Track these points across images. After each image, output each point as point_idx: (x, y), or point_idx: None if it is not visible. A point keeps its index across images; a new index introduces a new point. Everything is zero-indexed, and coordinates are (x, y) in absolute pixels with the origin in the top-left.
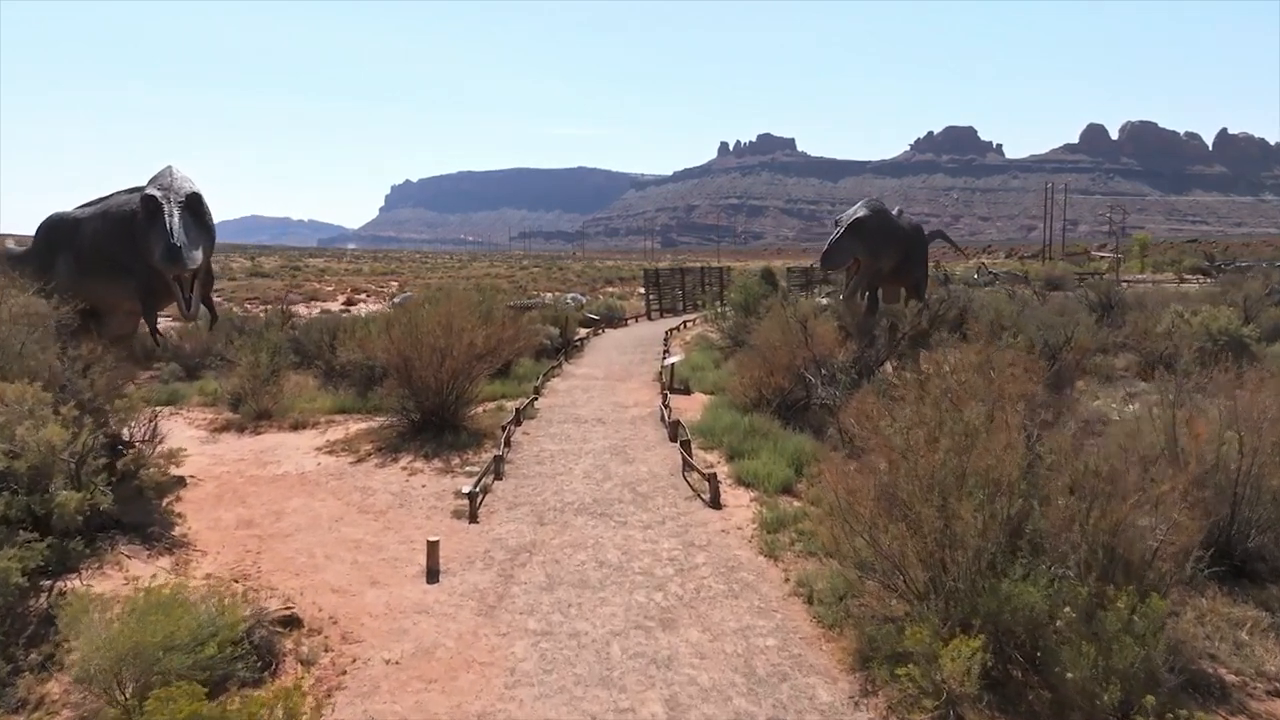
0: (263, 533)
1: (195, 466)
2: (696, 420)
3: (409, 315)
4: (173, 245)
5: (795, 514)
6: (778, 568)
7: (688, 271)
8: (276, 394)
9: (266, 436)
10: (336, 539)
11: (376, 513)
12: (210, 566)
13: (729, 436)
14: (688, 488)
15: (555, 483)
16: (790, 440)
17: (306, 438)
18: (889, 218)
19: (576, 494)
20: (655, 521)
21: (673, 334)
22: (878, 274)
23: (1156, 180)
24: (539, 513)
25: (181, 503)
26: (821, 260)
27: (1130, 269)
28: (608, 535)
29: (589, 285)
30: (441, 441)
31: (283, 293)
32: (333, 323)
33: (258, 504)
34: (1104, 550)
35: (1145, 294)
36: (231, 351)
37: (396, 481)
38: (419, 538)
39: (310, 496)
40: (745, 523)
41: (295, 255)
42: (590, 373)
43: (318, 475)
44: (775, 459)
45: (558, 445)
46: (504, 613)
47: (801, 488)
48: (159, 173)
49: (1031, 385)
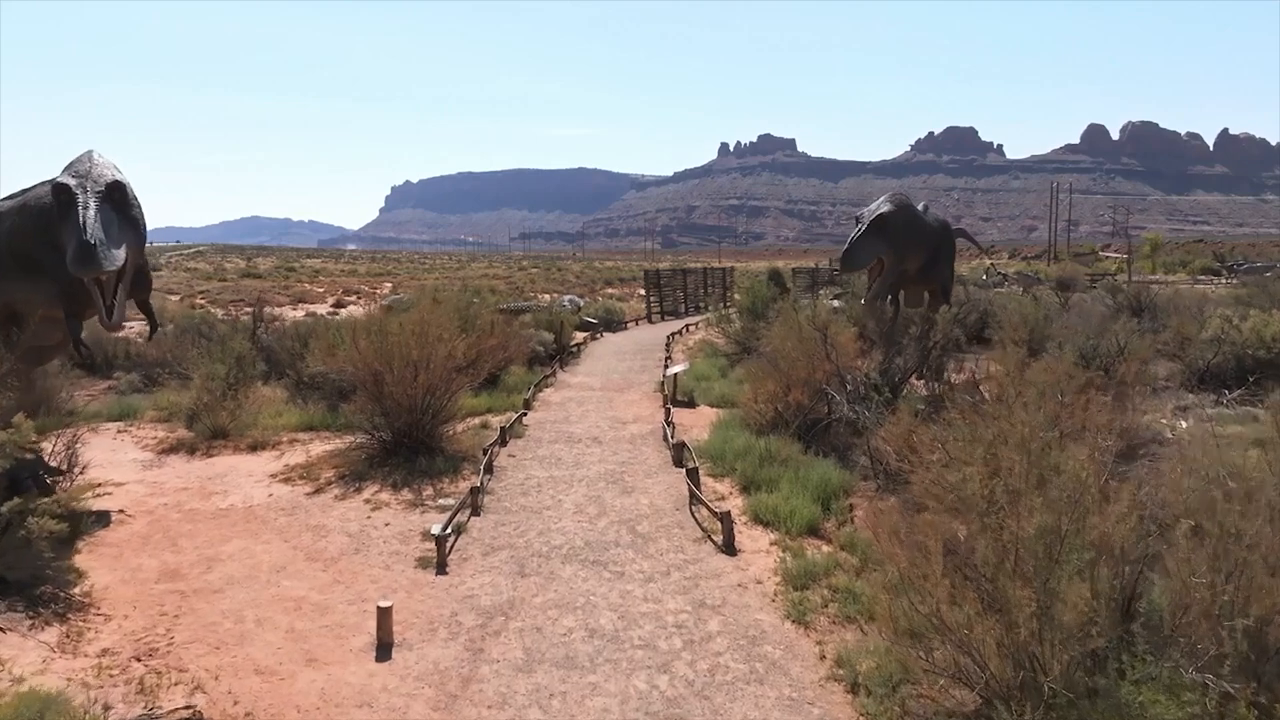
0: (188, 587)
1: (128, 498)
2: (704, 441)
3: (379, 323)
4: (85, 243)
5: (825, 564)
6: (809, 638)
7: (689, 272)
8: (235, 410)
9: (219, 459)
10: (274, 596)
11: (327, 560)
12: (111, 638)
13: (742, 463)
14: (695, 526)
15: (541, 520)
16: (813, 468)
17: (263, 461)
18: (915, 213)
19: (566, 535)
20: (658, 572)
21: (675, 339)
22: (902, 275)
23: (1157, 180)
24: (520, 560)
25: (98, 547)
26: (841, 261)
27: (1141, 269)
28: (601, 591)
29: (588, 287)
30: (414, 467)
31: (257, 295)
32: (305, 329)
33: (190, 548)
34: (1250, 641)
35: (1177, 296)
36: (187, 362)
37: (356, 518)
38: (373, 594)
39: (253, 537)
40: (766, 574)
41: (293, 256)
42: (586, 382)
43: (267, 510)
44: (797, 492)
45: (546, 471)
46: (468, 705)
47: (829, 527)
48: (76, 158)
49: (1123, 413)
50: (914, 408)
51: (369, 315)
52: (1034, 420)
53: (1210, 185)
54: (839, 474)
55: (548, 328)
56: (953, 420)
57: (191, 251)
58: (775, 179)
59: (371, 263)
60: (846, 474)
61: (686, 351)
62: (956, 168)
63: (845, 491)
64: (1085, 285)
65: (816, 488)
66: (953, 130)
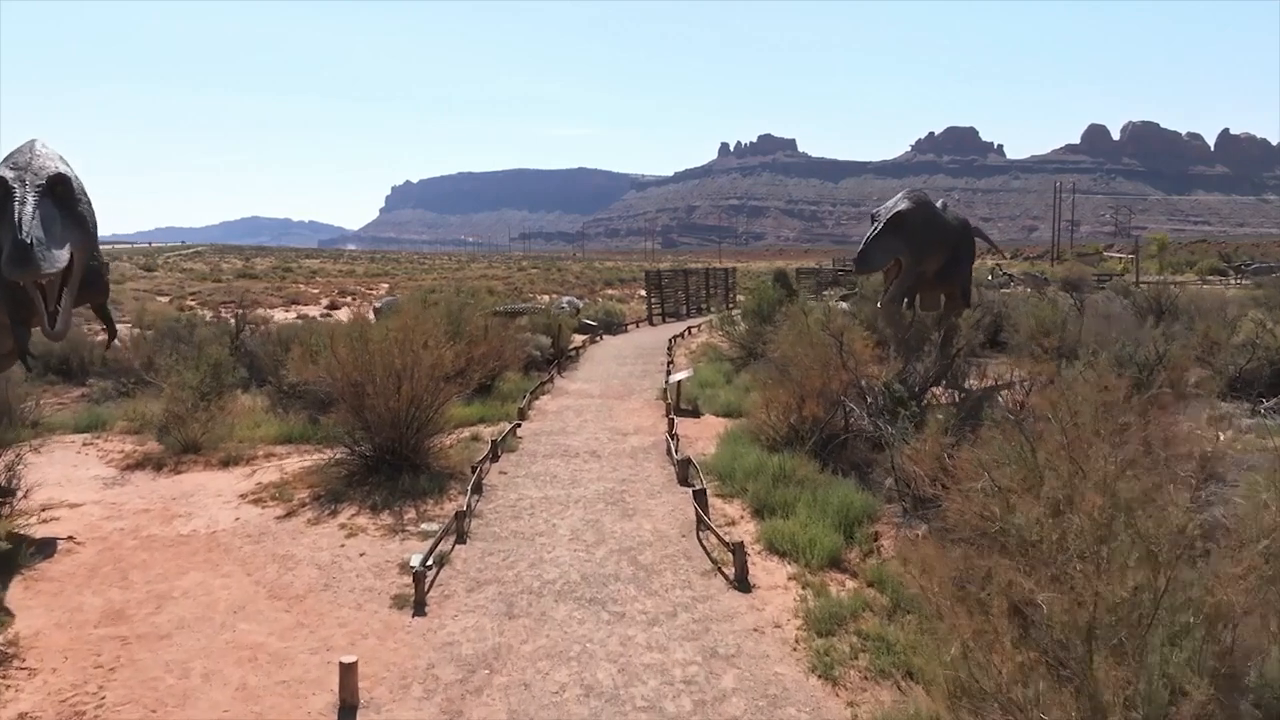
0: (132, 631)
1: (81, 522)
2: (711, 456)
3: (360, 330)
4: (21, 243)
5: (852, 604)
6: (839, 698)
7: (691, 273)
8: (208, 422)
9: (188, 476)
10: (228, 643)
11: (292, 598)
12: (32, 699)
13: (754, 483)
14: (704, 555)
15: (534, 548)
16: (832, 490)
17: (234, 479)
18: (934, 211)
19: (560, 567)
20: (664, 613)
21: (676, 342)
22: (920, 277)
23: (1158, 180)
24: (509, 597)
25: (37, 582)
26: (856, 262)
27: (1147, 270)
28: (599, 637)
29: (588, 287)
30: (396, 486)
31: (241, 296)
32: (288, 333)
33: (141, 582)
34: None
35: (1199, 297)
36: (161, 369)
37: (329, 546)
38: (341, 640)
39: (213, 569)
40: (785, 616)
41: (291, 256)
42: (585, 388)
43: (232, 536)
44: (816, 517)
45: (540, 490)
46: None
47: (853, 558)
48: (17, 149)
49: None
50: (945, 423)
51: (351, 320)
52: (1115, 453)
53: (1211, 185)
54: (861, 497)
55: (545, 331)
56: (992, 439)
57: (190, 252)
58: (775, 179)
59: (370, 263)
60: (869, 496)
61: (689, 355)
62: (957, 168)
63: (869, 517)
64: (1093, 286)
65: (837, 512)
66: (953, 130)
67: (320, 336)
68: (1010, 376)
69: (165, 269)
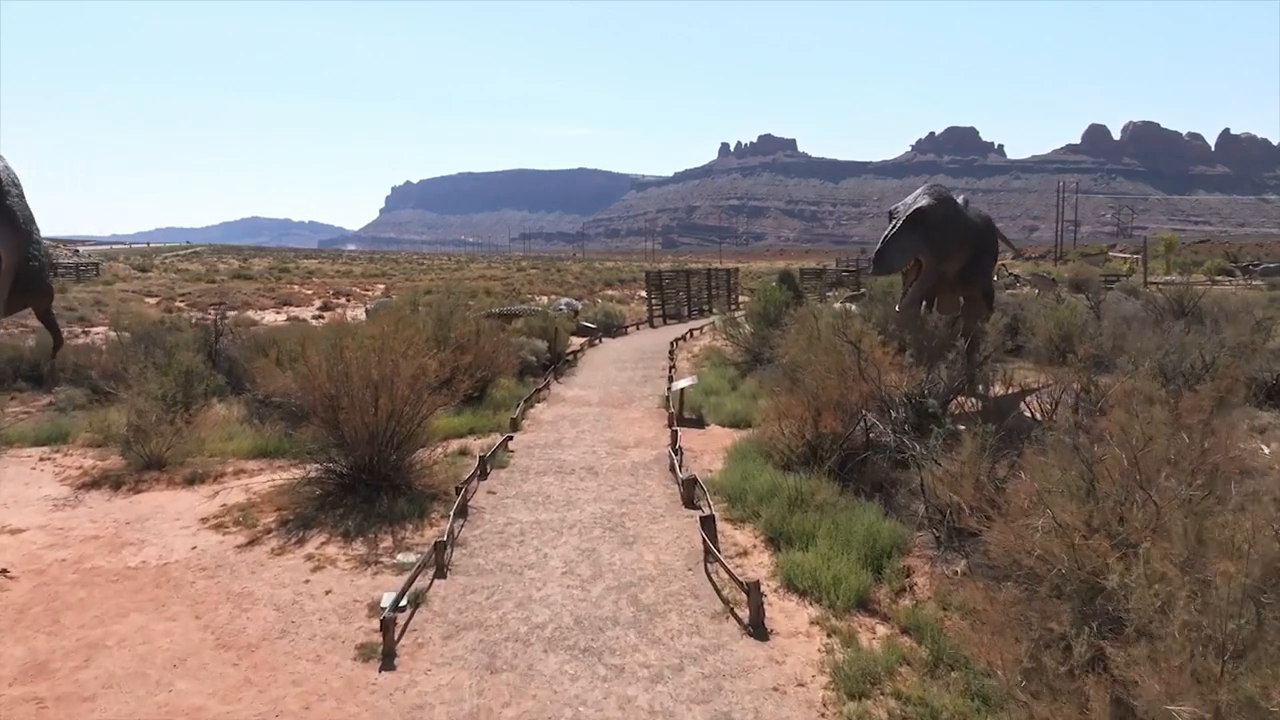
0: (52, 692)
1: (20, 552)
2: (718, 474)
3: (335, 336)
4: None
5: (886, 657)
6: None
7: (692, 273)
8: (174, 435)
9: (147, 497)
10: (161, 709)
11: (243, 648)
12: None
13: (767, 508)
14: (713, 592)
15: (522, 584)
16: (856, 516)
17: (197, 499)
18: (956, 208)
19: (551, 607)
20: (669, 666)
21: (678, 345)
22: (940, 278)
23: (1158, 180)
24: (491, 647)
25: None
26: (873, 262)
27: (1154, 270)
28: (594, 698)
29: (587, 288)
30: (373, 509)
31: (222, 298)
32: (272, 338)
33: (73, 627)
34: None
35: (1223, 299)
36: (130, 377)
37: (292, 582)
38: (294, 702)
39: (158, 611)
40: (809, 671)
41: (289, 256)
42: (583, 395)
43: (184, 569)
44: (839, 549)
45: (532, 514)
46: None
47: (882, 597)
48: None
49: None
50: (983, 443)
51: (328, 324)
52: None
53: (1212, 185)
54: (888, 525)
55: (541, 335)
56: (1044, 465)
57: (188, 252)
58: (776, 179)
59: (369, 264)
60: (897, 524)
61: (692, 359)
62: (957, 168)
63: (898, 548)
64: (1101, 286)
65: (862, 543)
66: (953, 130)
67: (293, 343)
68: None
69: (160, 269)
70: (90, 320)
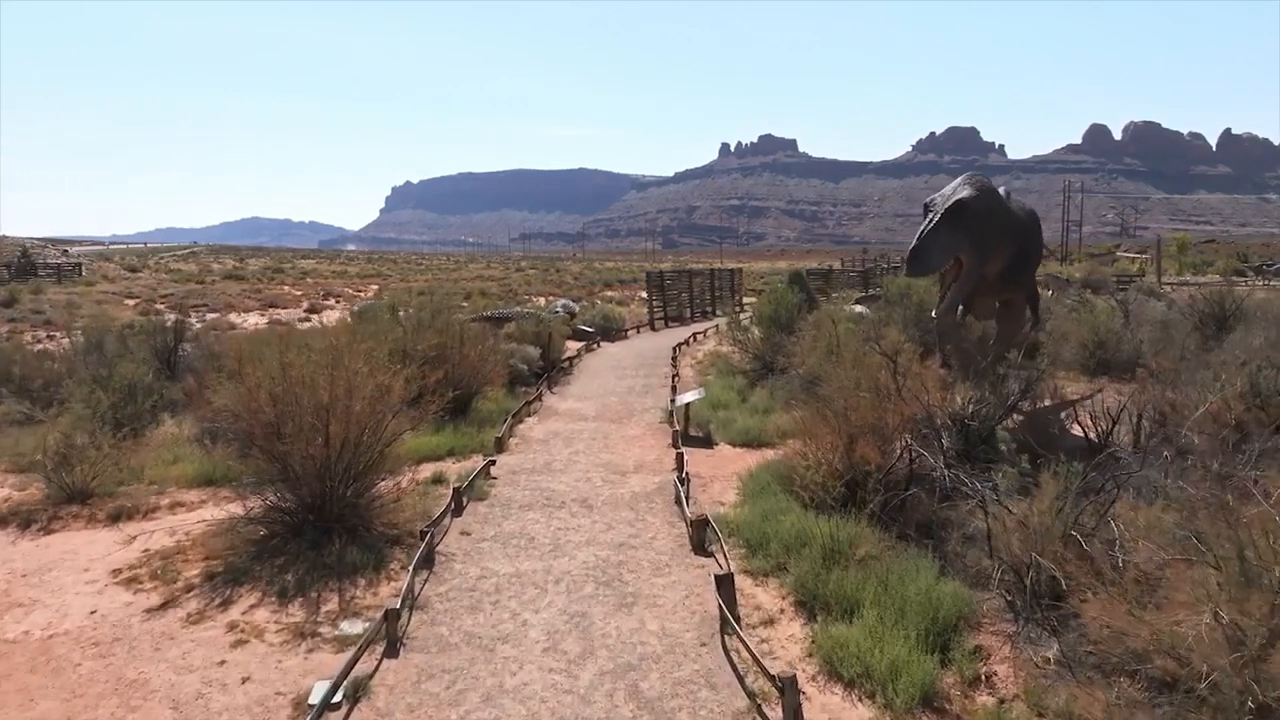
0: None
1: None
2: (733, 510)
3: (278, 352)
4: None
5: None
6: None
7: (695, 274)
8: (103, 461)
9: (59, 538)
10: None
11: None
12: None
13: (797, 562)
14: (733, 677)
15: (492, 666)
16: (909, 577)
17: (116, 542)
18: (999, 200)
19: (528, 703)
20: None
21: (681, 350)
22: (981, 280)
23: (1160, 181)
24: None
25: None
26: (909, 262)
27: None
28: None
29: (586, 288)
30: (320, 558)
31: (182, 300)
32: (220, 348)
33: None
34: None
35: (1266, 303)
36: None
37: (203, 664)
38: None
39: (22, 710)
40: None
41: (287, 256)
42: (578, 408)
43: (73, 643)
44: (891, 621)
45: (511, 563)
46: None
47: (951, 688)
48: None
49: None
50: (1065, 485)
51: (280, 332)
52: None
53: (1213, 185)
54: (950, 587)
55: (534, 341)
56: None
57: (185, 253)
58: (776, 179)
59: (366, 264)
60: (959, 586)
61: (696, 366)
62: (958, 168)
63: (964, 619)
64: (1115, 287)
65: (918, 611)
66: (954, 130)
67: (232, 356)
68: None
69: (152, 270)
70: (56, 324)
